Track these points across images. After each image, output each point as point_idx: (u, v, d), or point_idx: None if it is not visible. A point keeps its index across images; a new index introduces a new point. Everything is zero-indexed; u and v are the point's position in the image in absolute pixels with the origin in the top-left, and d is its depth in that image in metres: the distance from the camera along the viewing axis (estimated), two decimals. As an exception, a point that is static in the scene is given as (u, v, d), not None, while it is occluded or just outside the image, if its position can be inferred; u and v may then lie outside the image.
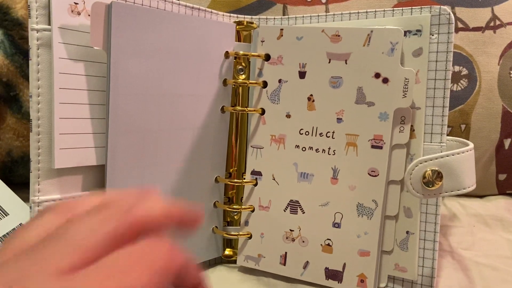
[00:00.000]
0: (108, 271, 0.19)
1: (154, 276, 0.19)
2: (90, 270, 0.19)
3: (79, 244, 0.19)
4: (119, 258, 0.19)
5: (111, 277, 0.18)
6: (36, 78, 0.35)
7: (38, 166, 0.35)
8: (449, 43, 0.39)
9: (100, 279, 0.18)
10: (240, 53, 0.45)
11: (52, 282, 0.18)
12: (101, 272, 0.19)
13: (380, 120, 0.40)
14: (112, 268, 0.19)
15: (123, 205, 0.22)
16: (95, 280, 0.18)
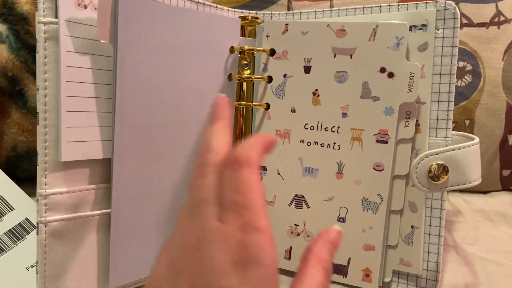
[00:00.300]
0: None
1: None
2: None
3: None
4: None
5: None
6: (43, 71, 0.35)
7: (45, 159, 0.35)
8: (454, 38, 0.39)
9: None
10: (245, 48, 0.45)
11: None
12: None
13: (385, 114, 0.40)
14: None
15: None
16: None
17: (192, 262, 0.25)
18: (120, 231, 0.39)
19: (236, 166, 0.26)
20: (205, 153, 0.29)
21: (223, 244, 0.24)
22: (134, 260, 0.40)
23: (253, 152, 0.27)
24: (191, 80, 0.42)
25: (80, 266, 0.38)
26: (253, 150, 0.27)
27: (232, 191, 0.26)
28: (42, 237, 0.36)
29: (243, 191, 0.25)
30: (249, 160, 0.26)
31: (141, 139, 0.39)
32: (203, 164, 0.28)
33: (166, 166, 0.41)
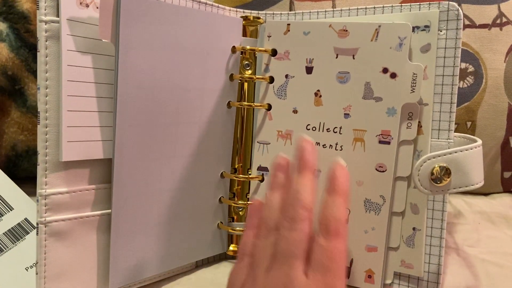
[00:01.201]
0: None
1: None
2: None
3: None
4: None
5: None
6: (44, 70, 0.35)
7: (46, 159, 0.35)
8: (457, 39, 0.39)
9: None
10: (247, 48, 0.45)
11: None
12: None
13: (388, 115, 0.40)
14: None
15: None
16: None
17: None
18: (121, 231, 0.38)
19: (329, 236, 0.31)
20: (298, 208, 0.32)
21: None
22: (134, 261, 0.40)
23: (344, 227, 0.32)
24: (192, 80, 0.42)
25: (80, 267, 0.37)
26: (343, 223, 0.32)
27: (323, 256, 0.31)
28: (42, 238, 0.35)
29: (333, 258, 0.30)
30: (342, 231, 0.31)
31: (142, 139, 0.39)
32: (295, 219, 0.32)
33: (167, 166, 0.41)
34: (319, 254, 0.31)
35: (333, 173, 0.34)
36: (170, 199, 0.42)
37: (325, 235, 0.31)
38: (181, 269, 0.45)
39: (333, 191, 0.33)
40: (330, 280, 0.30)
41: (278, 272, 0.31)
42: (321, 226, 0.32)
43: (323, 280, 0.30)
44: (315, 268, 0.30)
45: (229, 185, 0.47)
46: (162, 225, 0.42)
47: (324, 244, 0.31)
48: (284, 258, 0.31)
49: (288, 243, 0.32)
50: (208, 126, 0.44)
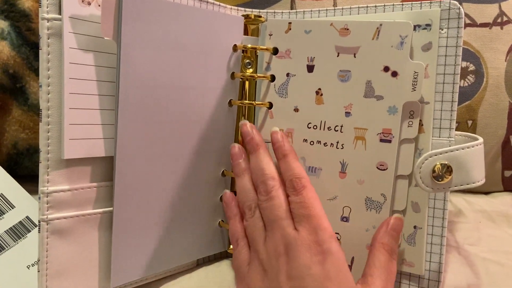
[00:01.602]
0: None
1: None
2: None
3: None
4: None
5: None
6: (46, 68, 0.35)
7: (47, 157, 0.35)
8: (458, 38, 0.39)
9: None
10: (248, 46, 0.45)
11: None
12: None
13: (389, 113, 0.40)
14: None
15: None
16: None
17: (285, 262, 0.35)
18: (122, 229, 0.38)
19: (297, 189, 0.38)
20: (266, 180, 0.39)
21: (304, 245, 0.35)
22: (136, 258, 0.40)
23: (303, 173, 0.39)
24: (193, 78, 0.42)
25: (81, 265, 0.38)
26: (303, 176, 0.39)
27: (300, 208, 0.37)
28: (44, 235, 0.35)
29: (309, 206, 0.37)
30: (304, 183, 0.38)
31: (143, 137, 0.39)
32: (268, 190, 0.39)
33: (169, 164, 0.41)
34: (296, 209, 0.37)
35: (273, 141, 0.42)
36: (171, 197, 0.42)
37: (294, 193, 0.38)
38: (182, 267, 0.45)
39: (281, 155, 0.41)
40: (315, 223, 0.36)
41: (273, 237, 0.37)
42: (288, 187, 0.39)
43: (309, 226, 0.36)
44: (298, 220, 0.37)
45: (230, 184, 0.47)
46: (163, 223, 0.42)
47: (296, 199, 0.37)
48: (273, 224, 0.37)
49: (271, 210, 0.38)
50: (209, 125, 0.44)
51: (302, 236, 0.36)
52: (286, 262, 0.35)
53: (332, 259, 0.34)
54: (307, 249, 0.35)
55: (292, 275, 0.34)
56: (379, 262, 0.36)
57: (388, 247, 0.37)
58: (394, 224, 0.39)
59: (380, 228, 0.39)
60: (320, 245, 0.35)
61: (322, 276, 0.33)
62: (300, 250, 0.35)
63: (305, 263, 0.34)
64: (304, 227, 0.36)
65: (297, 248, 0.35)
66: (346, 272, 0.35)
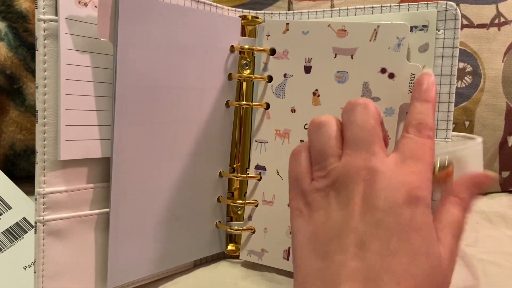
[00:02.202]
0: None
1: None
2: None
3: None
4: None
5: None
6: (43, 69, 0.35)
7: (44, 158, 0.35)
8: (455, 39, 0.39)
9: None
10: (245, 47, 0.45)
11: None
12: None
13: (386, 115, 0.40)
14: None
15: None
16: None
17: (368, 188, 0.29)
18: (119, 230, 0.38)
19: (423, 133, 0.32)
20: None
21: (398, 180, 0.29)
22: (132, 260, 0.40)
23: (434, 134, 0.33)
24: (191, 79, 0.42)
25: (78, 266, 0.37)
26: (433, 130, 0.33)
27: (415, 146, 0.31)
28: (40, 236, 0.35)
29: (425, 151, 0.31)
30: (432, 135, 0.32)
31: (140, 138, 0.39)
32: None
33: (166, 165, 0.41)
34: (411, 144, 0.31)
35: (421, 81, 0.35)
36: (168, 198, 0.42)
37: (417, 134, 0.32)
38: (179, 268, 0.45)
39: (423, 98, 0.34)
40: (421, 168, 0.30)
41: (355, 158, 0.30)
42: (410, 126, 0.33)
43: (416, 167, 0.30)
44: (405, 155, 0.31)
45: (228, 184, 0.47)
46: (160, 224, 0.42)
47: (417, 138, 0.32)
48: (360, 144, 0.31)
49: (361, 130, 0.31)
50: (206, 126, 0.44)
51: (406, 175, 0.30)
52: (369, 188, 0.29)
53: (425, 211, 0.29)
54: (405, 186, 0.29)
55: (377, 206, 0.28)
56: (452, 217, 0.31)
57: (466, 204, 0.33)
58: (479, 181, 0.34)
59: (462, 179, 0.34)
60: (419, 191, 0.29)
61: (409, 222, 0.28)
62: (398, 183, 0.29)
63: (396, 199, 0.28)
64: (411, 167, 0.30)
65: (396, 182, 0.29)
66: (432, 230, 0.29)
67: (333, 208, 0.30)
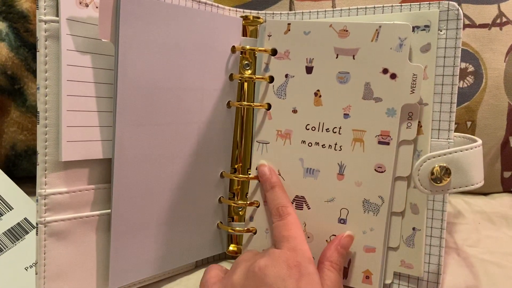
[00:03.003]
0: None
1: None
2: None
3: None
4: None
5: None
6: (44, 70, 0.35)
7: (45, 159, 0.35)
8: (457, 39, 0.39)
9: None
10: (247, 47, 0.45)
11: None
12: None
13: (388, 116, 0.40)
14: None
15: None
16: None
17: (264, 268, 0.35)
18: (120, 231, 0.38)
19: (283, 215, 0.41)
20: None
21: (283, 259, 0.36)
22: (134, 260, 0.40)
23: (289, 203, 0.43)
24: (192, 79, 0.42)
25: (79, 267, 0.37)
26: (288, 206, 0.42)
27: (283, 230, 0.40)
28: (42, 238, 0.35)
29: (290, 228, 0.39)
30: (290, 211, 0.41)
31: (141, 139, 0.38)
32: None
33: (167, 166, 0.41)
34: (279, 232, 0.40)
35: (260, 173, 0.44)
36: (169, 199, 0.42)
37: (279, 219, 0.41)
38: (181, 269, 0.45)
39: (269, 187, 0.43)
40: (295, 243, 0.38)
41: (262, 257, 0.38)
42: (274, 215, 0.42)
43: (289, 245, 0.38)
44: (279, 241, 0.39)
45: (229, 185, 0.47)
46: (161, 225, 0.42)
47: (281, 223, 0.40)
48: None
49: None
50: (207, 126, 0.44)
51: (283, 251, 0.37)
52: (264, 267, 0.35)
53: (308, 279, 0.35)
54: (285, 262, 0.35)
55: (267, 283, 0.34)
56: (330, 280, 0.38)
57: (337, 266, 0.39)
58: (344, 243, 0.41)
59: (330, 244, 0.41)
60: (299, 263, 0.36)
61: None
62: (280, 260, 0.36)
63: (281, 275, 0.34)
64: (285, 246, 0.38)
65: (278, 258, 0.36)
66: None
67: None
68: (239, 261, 0.39)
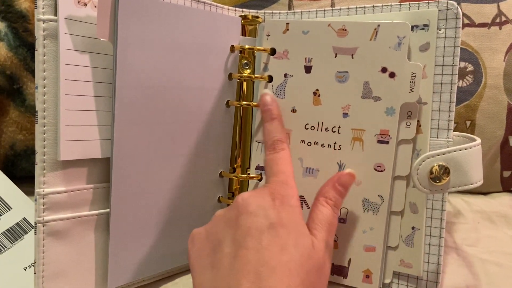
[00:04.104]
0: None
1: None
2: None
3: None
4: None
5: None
6: (42, 69, 0.34)
7: (44, 158, 0.35)
8: (456, 38, 0.39)
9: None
10: (246, 47, 0.44)
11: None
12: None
13: (387, 115, 0.40)
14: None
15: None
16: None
17: (247, 197, 0.35)
18: (119, 231, 0.38)
19: (277, 149, 0.40)
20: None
21: (269, 190, 0.35)
22: (133, 260, 0.40)
23: (286, 138, 0.42)
24: (191, 79, 0.42)
25: (78, 266, 0.37)
26: (285, 136, 0.42)
27: (273, 164, 0.39)
28: (40, 237, 0.35)
29: (281, 163, 0.39)
30: (284, 146, 0.40)
31: (140, 138, 0.38)
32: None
33: (166, 165, 0.41)
34: (270, 165, 0.39)
35: (263, 102, 0.43)
36: (168, 198, 0.42)
37: (273, 152, 0.40)
38: (180, 269, 0.45)
39: (269, 118, 0.42)
40: (283, 178, 0.37)
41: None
42: (268, 147, 0.41)
43: (277, 179, 0.37)
44: (269, 175, 0.38)
45: (228, 185, 0.47)
46: (160, 224, 0.42)
47: (273, 156, 0.40)
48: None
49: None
50: (206, 126, 0.44)
51: (269, 185, 0.37)
52: (248, 197, 0.35)
53: (290, 210, 0.34)
54: (269, 194, 0.35)
55: (249, 210, 0.33)
56: (321, 214, 0.37)
57: (332, 202, 0.38)
58: (343, 180, 0.39)
59: (328, 181, 0.39)
60: (282, 196, 0.35)
61: (276, 220, 0.33)
62: (264, 192, 0.35)
63: (263, 204, 0.34)
64: (273, 180, 0.37)
65: (263, 190, 0.36)
66: (300, 225, 0.35)
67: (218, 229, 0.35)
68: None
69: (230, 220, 0.34)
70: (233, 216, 0.34)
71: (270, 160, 0.39)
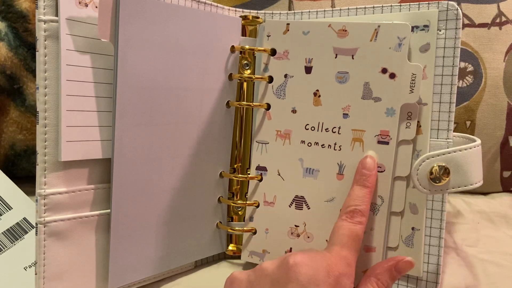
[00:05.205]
0: None
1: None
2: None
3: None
4: None
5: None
6: (43, 70, 0.35)
7: (45, 159, 0.35)
8: (456, 39, 0.39)
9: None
10: (246, 47, 0.45)
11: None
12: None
13: (387, 115, 0.40)
14: None
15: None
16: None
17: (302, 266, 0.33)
18: (120, 231, 0.38)
19: (354, 221, 0.38)
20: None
21: (327, 262, 0.34)
22: (133, 260, 0.40)
23: (368, 212, 0.39)
24: (191, 79, 0.42)
25: (79, 267, 0.37)
26: (368, 209, 0.39)
27: (346, 234, 0.37)
28: (41, 238, 0.35)
29: (353, 239, 0.37)
30: (363, 221, 0.38)
31: (141, 139, 0.39)
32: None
33: (166, 166, 0.41)
34: (339, 230, 0.37)
35: (364, 165, 0.40)
36: (169, 199, 0.42)
37: (350, 220, 0.37)
38: (180, 269, 0.45)
39: (362, 183, 0.40)
40: (348, 255, 0.35)
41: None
42: (346, 211, 0.38)
43: (341, 253, 0.35)
44: (332, 239, 0.37)
45: (228, 185, 0.47)
46: (161, 225, 0.42)
47: (346, 223, 0.37)
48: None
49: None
50: (207, 126, 0.44)
51: (330, 255, 0.35)
52: (301, 263, 0.33)
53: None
54: (326, 266, 0.33)
55: (299, 280, 0.32)
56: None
57: (383, 286, 0.37)
58: (401, 267, 0.38)
59: (385, 262, 0.38)
60: (339, 274, 0.33)
61: None
62: (321, 263, 0.33)
63: (317, 278, 0.32)
64: (335, 250, 0.36)
65: (320, 259, 0.34)
66: None
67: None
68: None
69: (277, 283, 0.32)
70: (282, 280, 0.32)
71: (343, 228, 0.37)
